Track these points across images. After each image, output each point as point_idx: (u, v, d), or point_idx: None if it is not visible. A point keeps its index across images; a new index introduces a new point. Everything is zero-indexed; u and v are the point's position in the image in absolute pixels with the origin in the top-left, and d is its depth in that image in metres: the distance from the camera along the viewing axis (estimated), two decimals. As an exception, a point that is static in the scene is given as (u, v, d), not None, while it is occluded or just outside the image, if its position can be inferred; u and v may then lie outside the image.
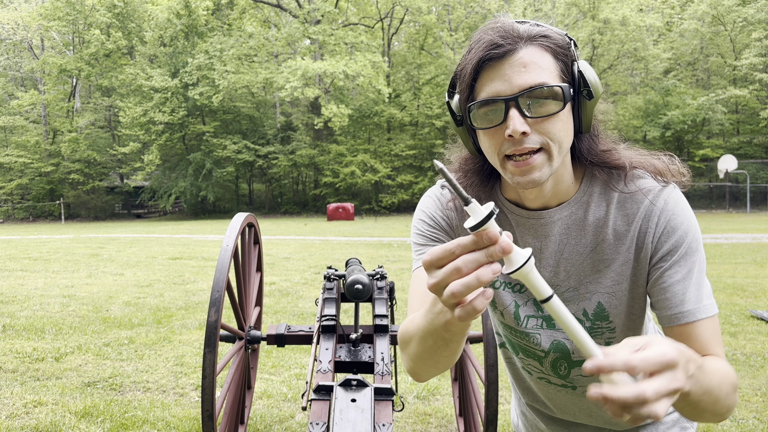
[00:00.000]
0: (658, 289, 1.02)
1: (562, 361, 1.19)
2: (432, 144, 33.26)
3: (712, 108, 28.72)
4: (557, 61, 0.95)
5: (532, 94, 0.91)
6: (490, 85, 0.94)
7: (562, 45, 0.96)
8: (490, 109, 0.94)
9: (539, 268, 1.12)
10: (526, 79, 0.91)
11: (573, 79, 0.96)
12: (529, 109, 0.92)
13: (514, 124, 0.91)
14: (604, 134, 1.07)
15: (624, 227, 1.05)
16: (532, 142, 0.93)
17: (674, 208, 1.01)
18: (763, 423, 3.16)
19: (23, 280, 8.26)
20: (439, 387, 3.77)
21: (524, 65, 0.92)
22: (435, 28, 34.69)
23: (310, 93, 29.33)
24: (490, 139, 0.97)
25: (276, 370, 4.13)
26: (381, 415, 1.83)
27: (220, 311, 2.14)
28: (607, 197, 1.06)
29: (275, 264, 9.88)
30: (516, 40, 0.93)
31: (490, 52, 0.93)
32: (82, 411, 3.28)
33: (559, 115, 0.94)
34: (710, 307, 1.00)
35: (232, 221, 2.44)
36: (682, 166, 1.06)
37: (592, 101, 0.97)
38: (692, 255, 1.01)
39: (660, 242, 1.02)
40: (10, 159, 33.02)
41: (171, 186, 33.80)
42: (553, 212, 1.07)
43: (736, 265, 9.04)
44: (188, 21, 32.03)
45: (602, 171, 1.05)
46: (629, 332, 1.15)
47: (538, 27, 0.96)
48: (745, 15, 29.64)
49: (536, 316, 1.16)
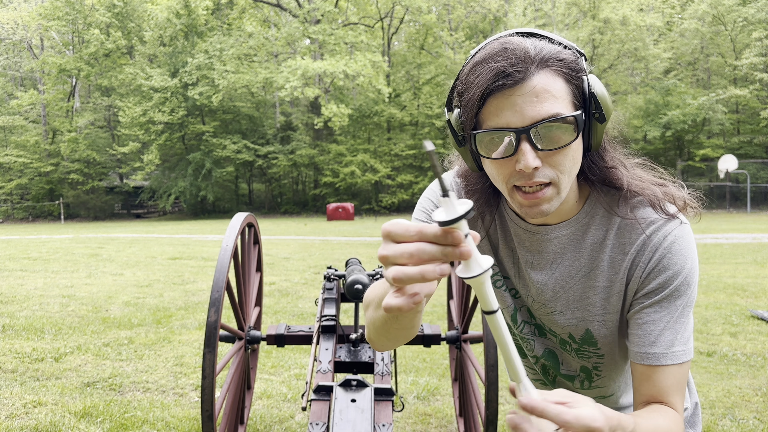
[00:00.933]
0: (634, 323, 1.00)
1: (551, 370, 1.20)
2: (432, 144, 33.22)
3: (713, 108, 28.71)
4: (569, 85, 0.89)
5: (544, 126, 0.86)
6: (500, 116, 0.88)
7: (573, 66, 0.90)
8: (498, 137, 0.89)
9: (526, 282, 1.10)
10: (538, 110, 0.86)
11: (584, 101, 0.91)
12: (541, 141, 0.87)
13: (527, 159, 0.86)
14: (612, 148, 1.01)
15: (620, 256, 1.01)
16: (542, 176, 0.89)
17: (671, 246, 0.96)
18: (763, 423, 3.15)
19: (23, 280, 8.25)
20: (439, 387, 3.76)
21: (536, 95, 0.86)
22: (435, 27, 34.69)
23: (310, 93, 29.32)
24: (498, 169, 0.92)
25: (276, 370, 4.13)
26: (381, 416, 1.82)
27: (219, 311, 2.13)
28: (609, 222, 1.01)
29: (275, 264, 9.87)
30: (527, 66, 0.86)
31: (498, 81, 0.86)
32: (81, 411, 3.27)
33: (571, 145, 0.89)
34: (680, 355, 0.96)
35: (231, 221, 2.43)
36: (690, 198, 1.01)
37: (604, 124, 0.93)
38: (677, 299, 0.97)
39: (648, 278, 0.98)
40: (10, 159, 33.01)
41: (170, 186, 33.80)
42: (551, 229, 1.03)
43: (737, 265, 9.04)
44: (188, 21, 32.02)
45: (603, 191, 1.01)
46: (620, 361, 1.13)
47: (550, 45, 0.89)
48: (746, 15, 29.63)
49: (530, 323, 1.16)
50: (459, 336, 2.70)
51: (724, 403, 3.41)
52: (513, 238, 1.09)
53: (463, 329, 2.71)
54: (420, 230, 0.62)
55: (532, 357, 1.20)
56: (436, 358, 4.43)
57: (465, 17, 36.55)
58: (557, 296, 1.07)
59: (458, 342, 2.70)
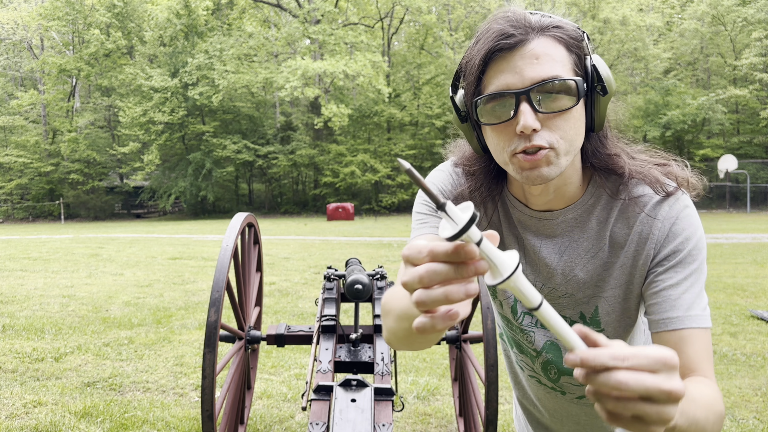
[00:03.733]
0: (651, 292, 0.97)
1: (552, 365, 1.16)
2: (432, 144, 33.25)
3: (712, 108, 28.71)
4: (570, 53, 0.89)
5: (544, 87, 0.86)
6: (500, 78, 0.88)
7: (575, 37, 0.90)
8: (499, 104, 0.88)
9: (537, 268, 1.09)
10: (538, 71, 0.86)
11: (586, 74, 0.91)
12: (540, 104, 0.86)
13: (526, 119, 0.85)
14: (614, 136, 1.01)
15: (624, 230, 1.00)
16: (542, 139, 0.87)
17: (679, 213, 0.97)
18: (763, 423, 3.15)
19: (23, 280, 8.25)
20: (439, 387, 3.77)
21: (536, 57, 0.86)
22: (435, 27, 34.68)
23: (310, 93, 29.31)
24: (498, 135, 0.91)
25: (276, 370, 4.13)
26: (381, 416, 1.82)
27: (219, 311, 2.13)
28: (611, 204, 1.01)
29: (275, 264, 9.87)
30: (528, 30, 0.87)
31: (500, 42, 0.87)
32: (81, 411, 3.27)
33: (572, 112, 0.88)
34: (702, 319, 0.92)
35: (231, 221, 2.44)
36: (693, 175, 1.01)
37: (606, 97, 0.92)
38: (691, 263, 0.95)
39: (661, 247, 0.97)
40: (10, 159, 32.99)
41: (171, 186, 33.78)
42: (557, 214, 1.03)
43: (737, 265, 9.04)
44: (188, 21, 32.01)
45: (605, 176, 1.01)
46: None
47: (551, 18, 0.91)
48: (745, 15, 29.64)
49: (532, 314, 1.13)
50: (459, 336, 2.70)
51: (724, 403, 3.40)
52: (517, 224, 1.08)
53: (463, 329, 2.71)
54: (430, 250, 0.58)
55: (532, 351, 1.17)
56: (436, 358, 4.43)
57: (465, 17, 36.54)
58: (567, 278, 1.06)
59: (458, 342, 2.70)
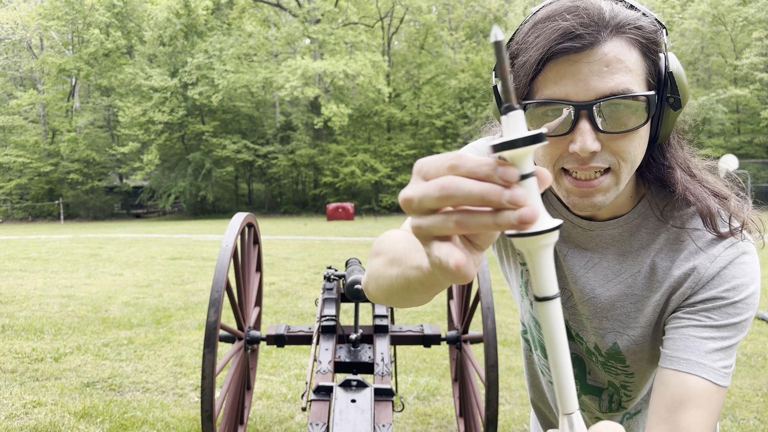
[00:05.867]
0: (671, 327, 0.83)
1: (576, 381, 1.06)
2: (432, 144, 33.24)
3: (713, 108, 28.71)
4: (645, 60, 0.75)
5: (611, 103, 0.73)
6: (559, 84, 0.74)
7: (653, 38, 0.76)
8: (553, 111, 0.75)
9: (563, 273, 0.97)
10: (606, 82, 0.72)
11: (659, 82, 0.77)
12: (604, 121, 0.73)
13: (584, 141, 0.73)
14: (678, 145, 0.87)
15: (665, 263, 0.87)
16: (600, 161, 0.75)
17: (735, 257, 0.82)
18: (763, 423, 3.15)
19: (22, 280, 8.24)
20: (439, 387, 3.76)
21: (606, 64, 0.72)
22: (435, 27, 34.70)
23: (310, 92, 29.33)
24: (547, 147, 0.78)
25: (276, 370, 4.12)
26: (381, 416, 1.82)
27: (219, 311, 2.13)
28: (659, 229, 0.88)
29: (275, 264, 9.86)
30: (600, 28, 0.72)
31: (564, 44, 0.72)
32: (81, 411, 3.27)
33: (639, 131, 0.75)
34: (719, 375, 0.77)
35: (231, 221, 2.43)
36: (752, 213, 0.85)
37: (678, 111, 0.79)
38: (733, 316, 0.79)
39: (702, 288, 0.83)
40: (9, 159, 32.99)
41: (170, 186, 33.79)
42: (597, 225, 0.90)
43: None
44: (188, 20, 32.02)
45: (657, 191, 0.89)
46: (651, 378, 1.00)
47: (628, 10, 0.75)
48: (746, 14, 29.65)
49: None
50: (459, 336, 2.69)
51: (725, 403, 3.40)
52: None
53: (463, 329, 2.71)
54: (453, 161, 0.41)
55: None
56: (436, 358, 4.42)
57: (465, 17, 36.54)
58: (585, 298, 0.94)
59: (458, 342, 2.70)
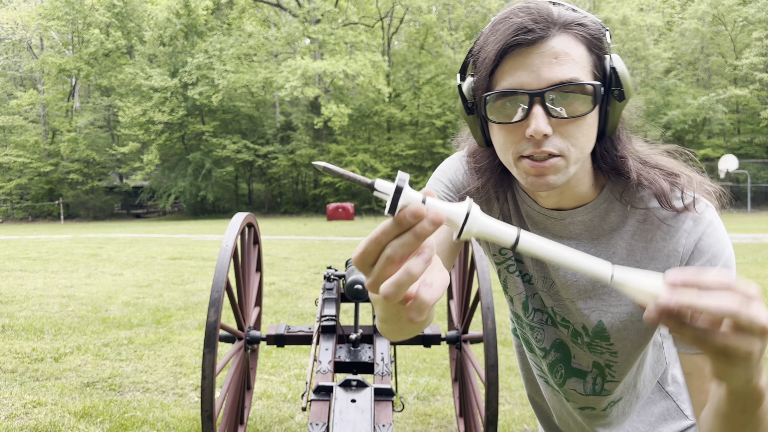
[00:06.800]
0: None
1: (560, 365, 1.12)
2: (432, 144, 33.25)
3: (713, 108, 28.73)
4: (591, 54, 0.84)
5: (560, 90, 0.81)
6: (514, 75, 0.83)
7: (597, 36, 0.85)
8: (510, 102, 0.84)
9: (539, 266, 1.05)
10: (556, 72, 0.81)
11: (604, 76, 0.86)
12: (554, 108, 0.81)
13: (538, 123, 0.80)
14: (627, 138, 0.96)
15: (641, 243, 0.95)
16: (552, 146, 0.83)
17: (705, 229, 0.91)
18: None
19: (22, 280, 8.24)
20: (439, 387, 3.76)
21: (555, 56, 0.81)
22: (435, 27, 34.68)
23: (310, 92, 29.32)
24: (506, 135, 0.86)
25: (276, 370, 4.12)
26: (381, 416, 1.82)
27: (219, 311, 2.13)
28: (626, 212, 0.96)
29: (275, 264, 9.86)
30: (549, 25, 0.82)
31: (517, 36, 0.81)
32: (81, 411, 3.27)
33: (586, 118, 0.83)
34: None
35: (231, 221, 2.43)
36: (702, 182, 0.95)
37: (623, 103, 0.87)
38: None
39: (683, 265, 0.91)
40: (9, 159, 32.99)
41: (170, 186, 33.79)
42: (566, 214, 0.98)
43: (737, 265, 9.00)
44: (188, 20, 32.02)
45: (615, 180, 0.96)
46: (635, 365, 1.06)
47: (574, 12, 0.85)
48: (746, 14, 29.66)
49: (542, 311, 1.10)
50: (459, 336, 2.69)
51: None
52: (525, 219, 1.05)
53: (463, 329, 2.71)
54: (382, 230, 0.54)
55: (540, 350, 1.14)
56: (436, 358, 4.42)
57: (465, 17, 36.53)
58: (568, 283, 1.01)
59: (458, 342, 2.70)
